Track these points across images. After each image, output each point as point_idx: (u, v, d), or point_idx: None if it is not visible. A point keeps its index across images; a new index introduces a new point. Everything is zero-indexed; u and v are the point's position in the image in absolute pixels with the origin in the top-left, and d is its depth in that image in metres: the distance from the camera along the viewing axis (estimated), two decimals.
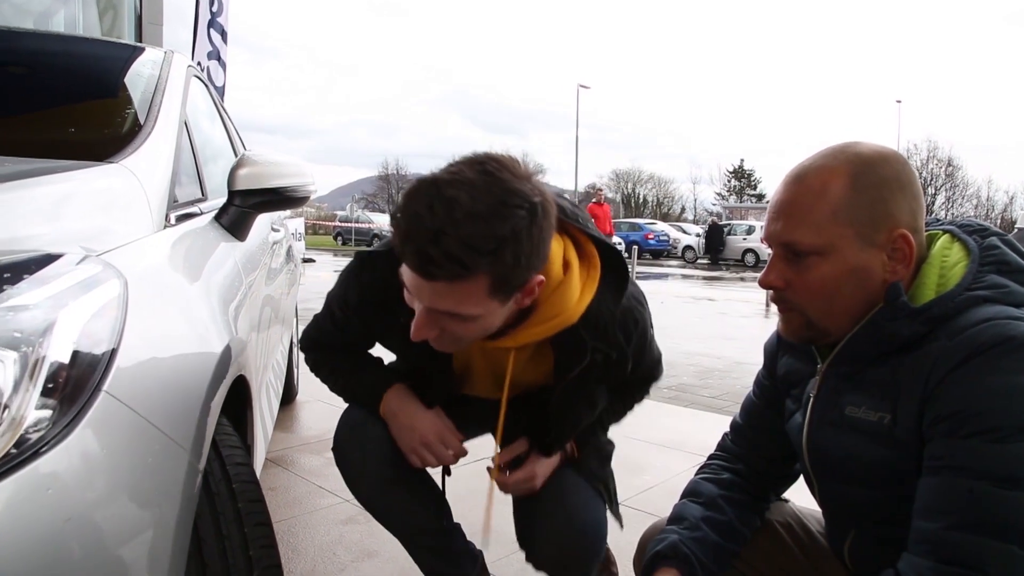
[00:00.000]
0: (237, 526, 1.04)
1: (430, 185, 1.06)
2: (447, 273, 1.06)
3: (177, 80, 1.91)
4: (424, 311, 1.16)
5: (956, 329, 0.91)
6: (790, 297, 1.04)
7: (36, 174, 1.17)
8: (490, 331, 1.24)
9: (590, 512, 1.53)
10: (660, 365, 1.64)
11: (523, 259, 1.09)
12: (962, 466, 0.85)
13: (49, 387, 0.76)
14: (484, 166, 1.07)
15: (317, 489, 2.73)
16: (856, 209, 0.96)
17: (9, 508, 0.70)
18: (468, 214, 1.02)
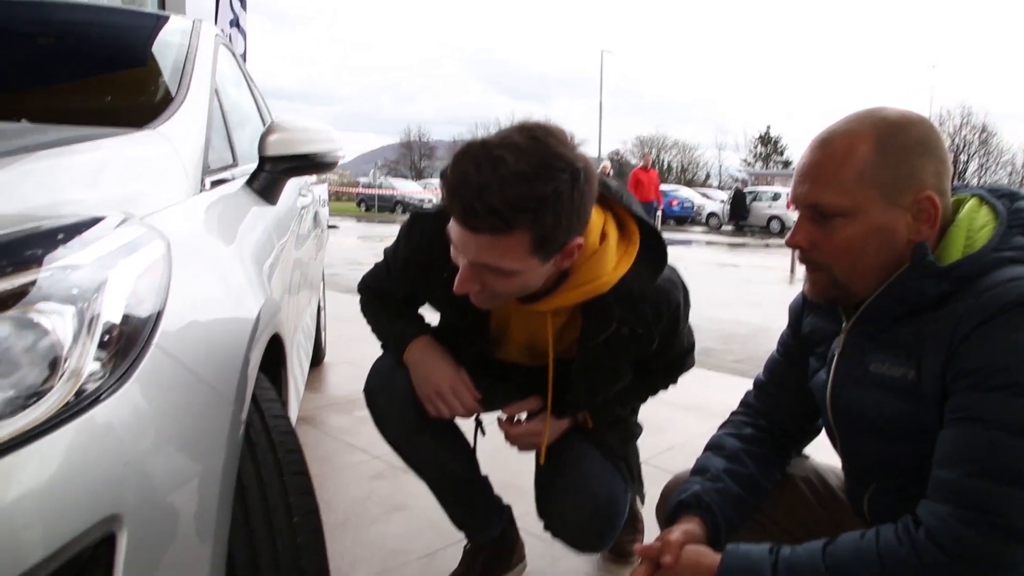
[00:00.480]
0: (277, 474, 1.10)
1: (480, 146, 1.15)
2: (489, 226, 1.14)
3: (206, 48, 1.95)
4: (468, 265, 1.22)
5: (982, 288, 0.93)
6: (816, 257, 1.06)
7: (76, 141, 1.21)
8: (529, 290, 1.30)
9: (606, 487, 1.58)
10: (689, 357, 1.68)
11: (563, 220, 1.15)
12: (983, 418, 0.88)
13: (104, 340, 0.81)
14: (532, 132, 1.15)
15: (347, 446, 2.81)
16: (881, 171, 0.99)
17: (71, 452, 0.76)
18: (512, 173, 1.10)
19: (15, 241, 0.86)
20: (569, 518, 1.59)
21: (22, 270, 0.81)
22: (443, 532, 2.03)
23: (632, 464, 1.68)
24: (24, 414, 0.74)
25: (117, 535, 0.76)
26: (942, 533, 0.87)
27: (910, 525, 0.91)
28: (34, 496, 0.72)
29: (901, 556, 0.88)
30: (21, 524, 0.70)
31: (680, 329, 1.52)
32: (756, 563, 0.97)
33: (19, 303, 0.79)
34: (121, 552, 0.76)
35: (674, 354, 1.59)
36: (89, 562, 0.75)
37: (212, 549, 0.90)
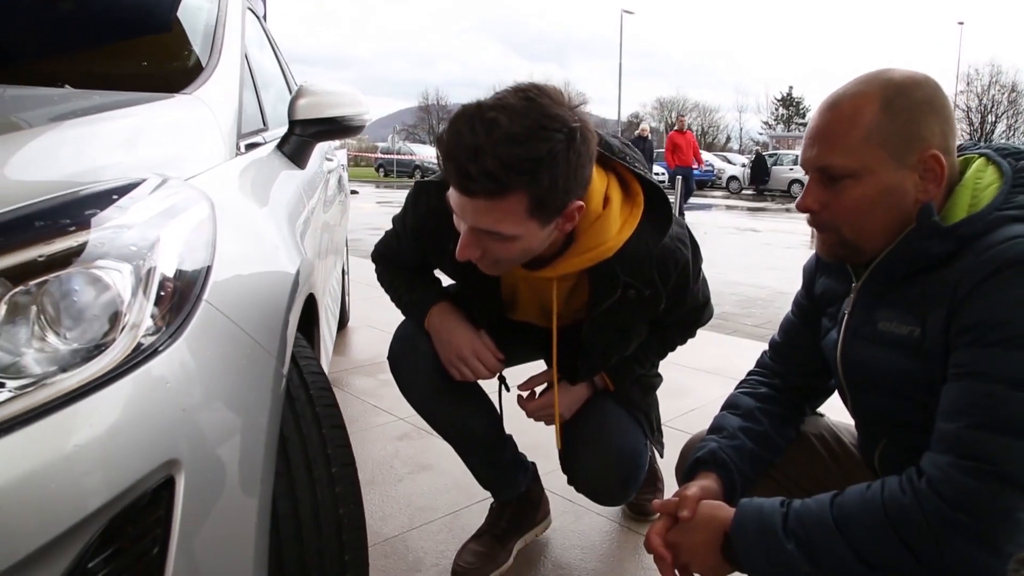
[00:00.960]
0: (316, 427, 1.15)
1: (474, 108, 1.14)
2: (484, 189, 1.13)
3: (235, 13, 1.96)
4: (468, 231, 1.23)
5: (983, 247, 0.95)
6: (826, 219, 1.09)
7: (119, 106, 1.25)
8: (531, 255, 1.30)
9: (627, 441, 1.62)
10: (706, 310, 1.69)
11: (560, 181, 1.15)
12: (983, 372, 0.91)
13: (160, 296, 0.85)
14: (527, 93, 1.14)
15: (372, 408, 2.88)
16: (888, 132, 1.00)
17: (131, 402, 0.80)
18: (506, 134, 1.10)
19: (67, 203, 0.90)
20: (592, 472, 1.64)
21: (76, 230, 0.85)
22: (468, 491, 2.09)
23: (652, 416, 1.72)
24: (88, 365, 0.79)
25: (176, 479, 0.81)
26: (943, 482, 0.90)
27: (913, 475, 0.94)
28: (97, 443, 0.76)
29: (904, 504, 0.92)
30: (84, 470, 0.75)
31: (691, 286, 1.52)
32: (768, 515, 1.01)
33: (76, 261, 0.83)
34: (180, 493, 0.81)
35: (688, 309, 1.60)
36: (150, 505, 0.80)
37: (259, 497, 0.95)
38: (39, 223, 0.83)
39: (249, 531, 0.92)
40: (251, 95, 1.84)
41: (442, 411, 1.68)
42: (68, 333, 0.80)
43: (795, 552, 0.96)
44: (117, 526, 0.77)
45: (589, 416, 1.64)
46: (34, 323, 0.79)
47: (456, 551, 1.80)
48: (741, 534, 1.02)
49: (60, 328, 0.80)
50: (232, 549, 0.90)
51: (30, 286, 0.79)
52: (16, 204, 0.87)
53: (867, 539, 0.93)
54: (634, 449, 1.63)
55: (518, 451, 1.84)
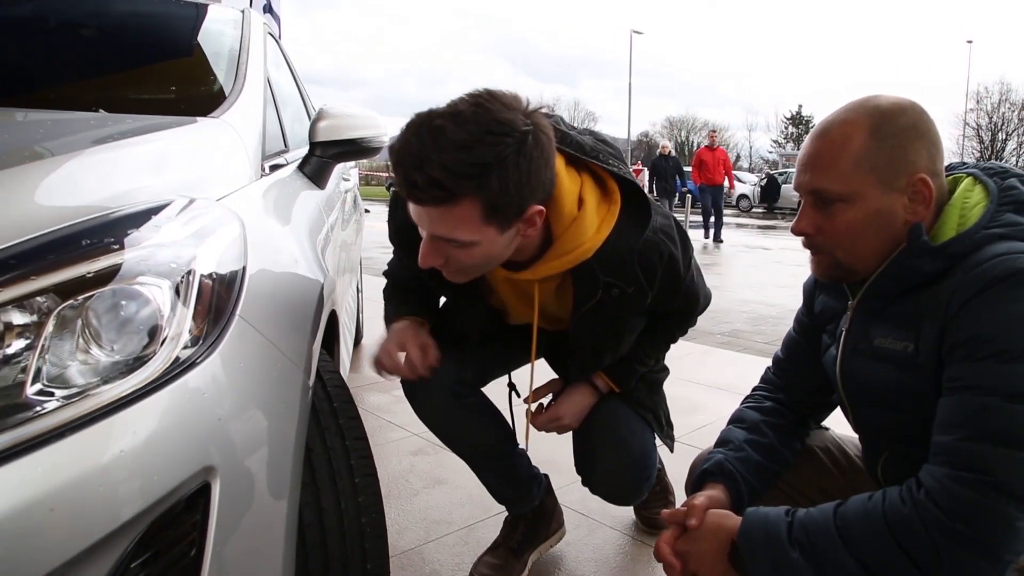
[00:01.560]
0: (339, 439, 1.19)
1: (424, 116, 1.15)
2: (432, 197, 1.14)
3: (258, 38, 2.03)
4: (427, 239, 1.24)
5: (972, 264, 0.99)
6: (820, 242, 1.13)
7: (152, 130, 1.30)
8: (497, 260, 1.30)
9: (637, 442, 1.65)
10: (704, 295, 1.69)
11: (511, 186, 1.14)
12: (976, 385, 0.95)
13: (198, 309, 0.90)
14: (478, 99, 1.15)
15: (387, 424, 2.91)
16: (876, 157, 1.05)
17: (168, 413, 0.84)
18: (452, 142, 1.10)
19: (108, 223, 0.95)
20: (605, 475, 1.68)
21: (118, 248, 0.90)
22: (483, 504, 2.12)
23: (660, 412, 1.74)
24: (130, 377, 0.83)
25: (212, 485, 0.85)
26: (940, 493, 0.94)
27: (912, 487, 0.98)
28: (138, 451, 0.81)
29: (904, 514, 0.95)
30: (125, 476, 0.79)
31: (682, 277, 1.51)
32: (773, 524, 1.04)
33: (118, 277, 0.87)
34: (216, 498, 0.85)
35: (684, 300, 1.61)
36: (187, 510, 0.84)
37: (287, 504, 0.99)
38: (85, 242, 0.88)
39: (278, 536, 0.96)
40: (273, 117, 1.90)
41: (456, 430, 1.71)
42: (111, 346, 0.84)
43: (800, 560, 0.99)
44: (157, 530, 0.81)
45: (598, 419, 1.68)
46: (79, 336, 0.83)
47: (472, 564, 1.83)
48: (748, 542, 1.05)
49: (103, 341, 0.85)
50: (262, 553, 0.94)
51: (77, 301, 0.83)
52: (58, 224, 0.91)
53: (869, 548, 0.96)
54: (643, 449, 1.66)
55: (531, 465, 1.87)
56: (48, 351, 0.81)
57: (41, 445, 0.75)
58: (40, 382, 0.79)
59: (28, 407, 0.77)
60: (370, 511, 1.18)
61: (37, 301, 0.82)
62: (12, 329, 0.80)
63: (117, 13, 2.14)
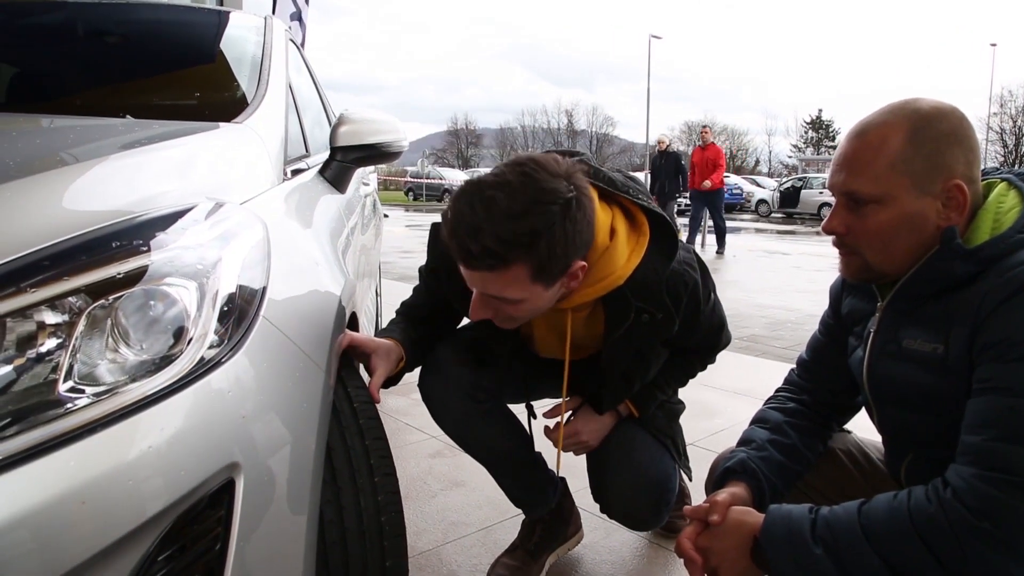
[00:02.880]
0: (359, 438, 1.21)
1: (475, 186, 1.23)
2: (486, 264, 1.22)
3: (280, 45, 2.06)
4: (478, 295, 1.32)
5: (1006, 267, 1.00)
6: (850, 242, 1.13)
7: (176, 135, 1.33)
8: (541, 311, 1.37)
9: (656, 467, 1.66)
10: (723, 334, 1.72)
11: (558, 248, 1.22)
12: (1006, 387, 0.95)
13: (224, 311, 0.92)
14: (523, 167, 1.22)
15: (405, 426, 2.93)
16: (913, 161, 1.05)
17: (194, 411, 0.86)
18: (503, 212, 1.18)
19: (137, 225, 0.98)
20: (624, 499, 1.68)
21: (147, 250, 0.93)
22: (500, 507, 2.13)
23: (679, 441, 1.76)
24: (156, 376, 0.85)
25: (236, 481, 0.87)
26: (967, 492, 0.94)
27: (939, 486, 0.98)
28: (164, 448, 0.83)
29: (930, 514, 0.95)
30: (151, 473, 0.81)
31: (703, 308, 1.56)
32: (797, 521, 1.04)
33: (145, 279, 0.89)
34: (240, 495, 0.87)
35: (704, 333, 1.64)
36: (212, 506, 0.86)
37: (308, 504, 1.00)
38: (115, 243, 0.90)
39: (300, 533, 0.97)
40: (295, 122, 1.93)
41: (474, 435, 1.73)
42: (139, 345, 0.87)
43: (823, 557, 0.99)
44: (182, 525, 0.83)
45: (616, 443, 1.68)
46: (108, 335, 0.86)
47: (489, 565, 1.84)
48: (770, 539, 1.05)
49: (131, 340, 0.87)
50: (284, 550, 0.96)
51: (107, 301, 0.86)
52: (88, 227, 0.94)
53: (894, 546, 0.96)
54: (663, 473, 1.66)
55: (548, 469, 1.87)
56: (79, 350, 0.83)
57: (73, 440, 0.77)
58: (72, 380, 0.81)
59: (60, 404, 0.79)
60: (389, 509, 1.19)
61: (69, 301, 0.84)
62: (45, 328, 0.83)
63: (142, 21, 2.18)
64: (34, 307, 0.82)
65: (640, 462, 1.65)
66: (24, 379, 0.80)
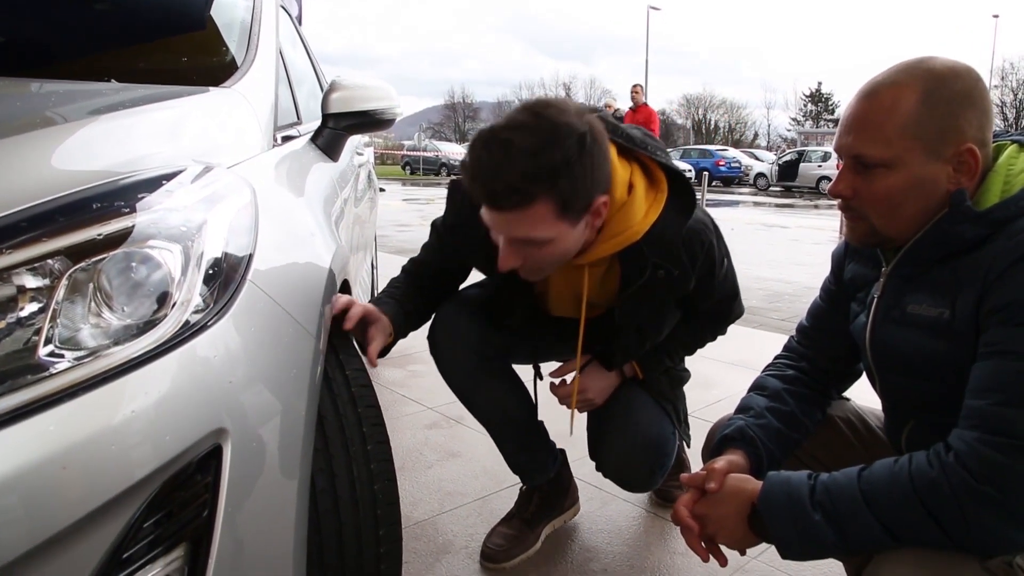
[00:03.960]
0: (352, 407, 1.19)
1: (489, 132, 1.25)
2: (513, 203, 1.23)
3: (269, 10, 2.02)
4: (506, 243, 1.32)
5: (1016, 230, 0.97)
6: (857, 206, 1.10)
7: (161, 99, 1.30)
8: (568, 256, 1.38)
9: (655, 429, 1.65)
10: (736, 303, 1.72)
11: (579, 182, 1.24)
12: (1013, 351, 0.93)
13: (209, 274, 0.90)
14: (534, 108, 1.25)
15: (401, 398, 2.93)
16: (925, 124, 1.01)
17: (179, 375, 0.84)
18: (522, 150, 1.20)
19: (121, 188, 0.95)
20: (620, 459, 1.68)
21: (129, 212, 0.90)
22: (496, 477, 2.13)
23: (680, 407, 1.76)
24: (140, 340, 0.83)
25: (224, 447, 0.86)
26: (970, 456, 0.92)
27: (941, 450, 0.96)
28: (149, 412, 0.81)
29: (931, 478, 0.93)
30: (136, 438, 0.79)
31: (717, 270, 1.57)
32: (795, 487, 1.03)
33: (129, 241, 0.87)
34: (227, 461, 0.85)
35: (718, 298, 1.64)
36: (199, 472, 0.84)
37: (299, 472, 0.99)
38: (96, 205, 0.88)
39: (290, 501, 0.96)
40: (286, 90, 1.89)
41: (480, 391, 1.73)
42: (122, 308, 0.84)
43: (822, 523, 0.98)
44: (169, 491, 0.81)
45: (617, 403, 1.68)
46: (91, 299, 0.84)
47: (485, 534, 1.84)
48: (769, 505, 1.04)
49: (114, 304, 0.85)
50: (274, 518, 0.94)
51: (89, 263, 0.83)
52: (70, 190, 0.91)
53: (894, 511, 0.95)
54: (662, 436, 1.66)
55: (549, 438, 1.87)
56: (60, 314, 0.81)
57: (52, 404, 0.75)
58: (52, 344, 0.79)
59: (40, 368, 0.77)
60: (382, 478, 1.18)
61: (48, 264, 0.82)
62: (25, 292, 0.81)
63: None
64: (11, 269, 0.80)
65: (639, 422, 1.65)
66: (4, 343, 0.78)
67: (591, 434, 1.74)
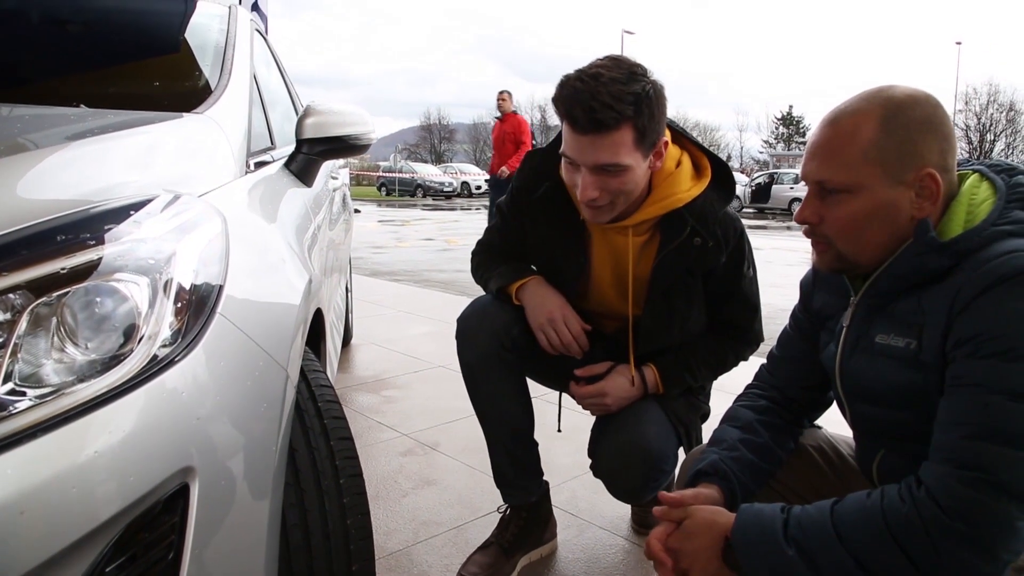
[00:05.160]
0: (324, 439, 1.17)
1: (577, 71, 1.43)
2: (607, 119, 1.37)
3: (244, 34, 2.01)
4: (588, 173, 1.45)
5: (980, 261, 0.98)
6: (822, 232, 1.12)
7: (134, 125, 1.28)
8: (637, 190, 1.51)
9: (659, 443, 1.64)
10: (758, 321, 1.75)
11: (654, 115, 1.42)
12: (980, 383, 0.93)
13: (177, 307, 0.88)
14: (611, 58, 1.44)
15: (376, 424, 2.89)
16: (885, 150, 1.03)
17: (146, 412, 0.82)
18: (611, 79, 1.38)
19: (86, 218, 0.93)
20: (614, 458, 1.67)
21: (95, 244, 0.88)
22: (471, 506, 2.11)
23: (692, 434, 1.75)
24: (105, 376, 0.81)
25: (191, 486, 0.83)
26: (941, 491, 0.92)
27: (912, 485, 0.96)
28: (114, 451, 0.79)
29: (903, 513, 0.94)
30: (101, 477, 0.77)
31: (745, 265, 1.67)
32: (768, 520, 1.02)
33: (95, 274, 0.85)
34: (194, 500, 0.83)
35: (742, 304, 1.70)
36: (165, 512, 0.82)
37: (270, 505, 0.97)
38: (60, 237, 0.86)
39: (260, 538, 0.94)
40: (259, 113, 1.88)
41: (487, 379, 1.73)
42: (86, 344, 0.82)
43: (795, 558, 0.98)
44: (133, 532, 0.79)
45: (630, 410, 1.68)
46: (54, 334, 0.81)
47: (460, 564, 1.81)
48: (742, 539, 1.03)
49: (79, 339, 0.83)
50: (244, 556, 0.92)
51: (52, 298, 0.81)
52: (35, 220, 0.89)
53: (867, 546, 0.95)
54: (662, 450, 1.64)
55: (539, 463, 1.85)
56: (21, 349, 0.79)
57: (11, 446, 0.73)
58: (12, 381, 0.77)
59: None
60: (355, 512, 1.16)
61: (9, 298, 0.80)
62: None
63: (102, 8, 2.11)
64: None
65: (644, 431, 1.64)
66: None
67: (595, 433, 1.75)
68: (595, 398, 1.68)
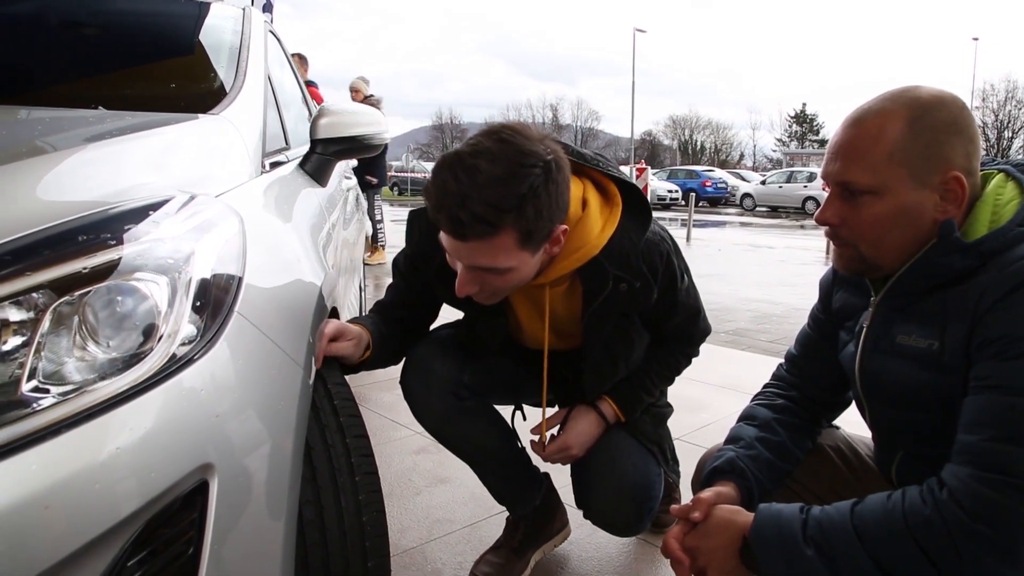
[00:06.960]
0: (340, 436, 1.18)
1: (453, 157, 1.22)
2: (477, 232, 1.20)
3: (258, 35, 2.02)
4: (464, 270, 1.30)
5: (1006, 262, 0.97)
6: (844, 234, 1.10)
7: (152, 126, 1.30)
8: (525, 281, 1.36)
9: (640, 474, 1.61)
10: (700, 320, 1.69)
11: (544, 211, 1.22)
12: (1005, 385, 0.92)
13: (196, 305, 0.89)
14: (499, 135, 1.22)
15: (390, 423, 2.90)
16: (911, 152, 1.02)
17: (165, 410, 0.83)
18: (488, 178, 1.17)
19: (106, 219, 0.94)
20: (607, 508, 1.65)
21: (116, 244, 0.89)
22: (485, 503, 2.10)
23: (665, 447, 1.73)
24: (126, 374, 0.82)
25: (210, 482, 0.84)
26: (964, 494, 0.91)
27: (934, 486, 0.95)
28: (134, 448, 0.80)
29: (925, 515, 0.93)
30: (121, 474, 0.78)
31: (679, 283, 1.55)
32: (788, 521, 1.02)
33: (115, 273, 0.86)
34: (213, 496, 0.84)
35: (682, 316, 1.61)
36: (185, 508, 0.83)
37: (287, 502, 0.98)
38: (81, 237, 0.87)
39: (278, 534, 0.95)
40: (274, 114, 1.89)
41: (455, 432, 1.69)
42: (108, 342, 0.83)
43: (814, 558, 0.97)
44: (153, 528, 0.80)
45: (601, 450, 1.64)
46: (76, 332, 0.83)
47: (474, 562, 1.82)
48: (760, 539, 1.03)
49: (100, 337, 0.84)
50: (261, 552, 0.93)
51: (74, 297, 0.82)
52: (56, 221, 0.91)
53: (887, 548, 0.94)
54: (647, 480, 1.62)
55: (532, 465, 1.85)
56: (44, 348, 0.80)
57: (36, 442, 0.74)
58: (36, 379, 0.78)
59: (24, 404, 0.76)
60: (371, 509, 1.17)
61: (33, 297, 0.81)
62: (8, 326, 0.79)
63: (119, 11, 2.13)
64: None
65: (624, 472, 1.61)
66: None
67: (576, 485, 1.71)
68: (560, 453, 1.62)
